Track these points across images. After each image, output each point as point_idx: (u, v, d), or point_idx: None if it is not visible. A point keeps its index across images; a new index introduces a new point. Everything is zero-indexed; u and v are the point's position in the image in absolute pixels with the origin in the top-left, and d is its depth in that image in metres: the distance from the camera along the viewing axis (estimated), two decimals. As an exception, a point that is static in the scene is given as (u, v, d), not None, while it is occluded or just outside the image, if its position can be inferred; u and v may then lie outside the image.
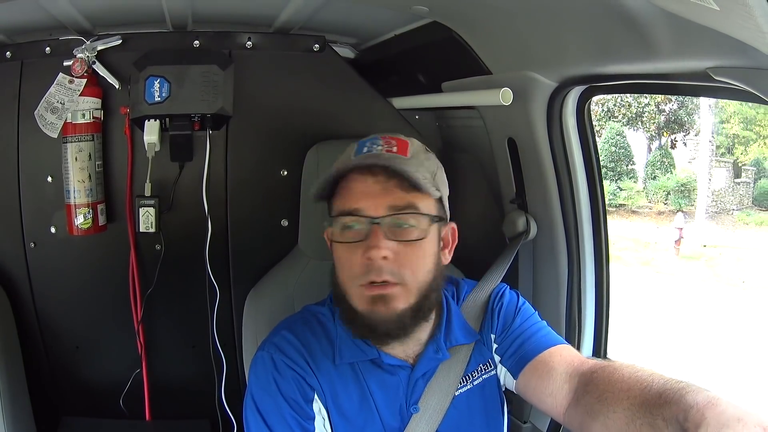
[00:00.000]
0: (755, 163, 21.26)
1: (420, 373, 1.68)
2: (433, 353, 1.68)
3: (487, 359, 1.77)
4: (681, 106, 21.49)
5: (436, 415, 1.67)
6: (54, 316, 2.44)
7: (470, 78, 2.17)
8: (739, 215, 19.27)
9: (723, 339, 9.85)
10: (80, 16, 2.13)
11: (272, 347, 1.66)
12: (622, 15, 1.46)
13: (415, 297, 1.57)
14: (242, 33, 2.37)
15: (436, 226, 1.62)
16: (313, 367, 1.63)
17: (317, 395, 1.62)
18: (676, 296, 12.75)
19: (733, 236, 17.76)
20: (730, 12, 1.06)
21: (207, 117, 2.28)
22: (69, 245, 2.37)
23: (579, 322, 2.24)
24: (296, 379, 1.61)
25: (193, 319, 2.44)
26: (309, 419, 1.60)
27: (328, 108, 2.42)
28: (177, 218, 2.37)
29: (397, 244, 1.54)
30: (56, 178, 2.30)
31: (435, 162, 1.68)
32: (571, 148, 2.11)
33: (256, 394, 1.63)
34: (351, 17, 2.30)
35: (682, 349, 9.21)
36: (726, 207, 19.86)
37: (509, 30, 1.89)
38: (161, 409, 2.52)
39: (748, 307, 12.02)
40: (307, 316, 1.76)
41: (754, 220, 18.95)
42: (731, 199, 20.20)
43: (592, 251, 2.21)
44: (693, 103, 21.14)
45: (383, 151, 1.60)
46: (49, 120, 2.23)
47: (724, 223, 19.28)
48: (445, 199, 1.67)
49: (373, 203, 1.54)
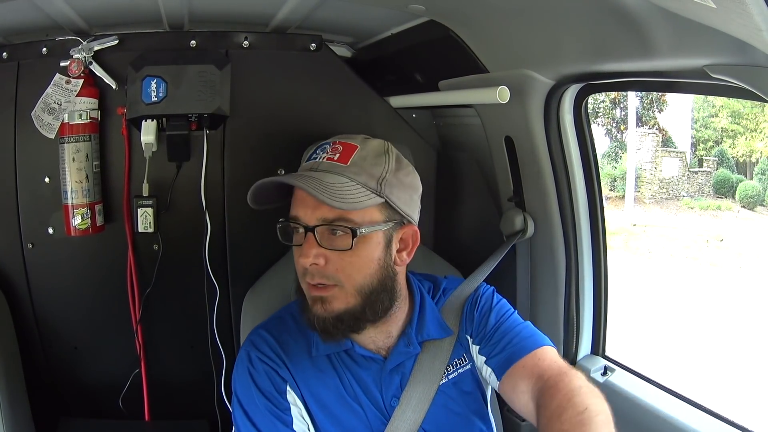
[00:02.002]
0: (718, 153, 22.80)
1: (391, 366, 1.74)
2: (404, 347, 1.75)
3: (461, 354, 1.82)
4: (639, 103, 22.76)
5: (419, 410, 1.72)
6: (52, 317, 2.44)
7: (467, 76, 2.17)
8: (686, 201, 21.00)
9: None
10: (77, 17, 2.13)
11: (248, 345, 1.77)
12: (619, 13, 1.46)
13: (355, 299, 1.66)
14: (239, 32, 2.36)
15: (383, 232, 1.66)
16: (285, 360, 1.72)
17: (290, 386, 1.70)
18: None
19: (672, 218, 19.81)
20: (727, 10, 1.06)
21: (204, 117, 2.28)
22: (67, 246, 2.37)
23: (577, 320, 2.25)
24: (268, 372, 1.70)
25: (192, 318, 2.44)
26: (284, 409, 1.68)
27: (326, 107, 2.42)
28: (175, 218, 2.37)
29: (330, 251, 1.61)
30: (53, 178, 2.30)
31: (393, 164, 1.70)
32: (568, 145, 2.12)
33: (238, 390, 1.72)
34: (348, 16, 2.30)
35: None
36: (678, 193, 21.59)
37: (506, 28, 1.89)
38: (160, 409, 2.52)
39: (641, 271, 14.10)
40: (283, 314, 1.85)
41: (699, 205, 20.68)
42: (687, 186, 21.85)
43: (590, 249, 2.22)
44: (647, 99, 22.55)
45: (324, 159, 1.67)
46: (47, 121, 2.22)
47: (669, 207, 21.11)
48: (401, 202, 1.69)
49: (307, 213, 1.63)
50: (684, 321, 10.47)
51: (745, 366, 8.73)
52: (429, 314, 1.80)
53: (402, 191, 1.69)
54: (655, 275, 14.09)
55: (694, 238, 17.58)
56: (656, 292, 12.20)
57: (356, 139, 1.71)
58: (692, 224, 18.96)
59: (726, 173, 22.18)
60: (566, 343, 2.27)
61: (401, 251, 1.71)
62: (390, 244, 1.68)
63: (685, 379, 1.92)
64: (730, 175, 22.14)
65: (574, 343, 2.27)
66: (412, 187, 1.73)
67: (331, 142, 1.71)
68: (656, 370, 2.27)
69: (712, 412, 1.95)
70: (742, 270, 15.33)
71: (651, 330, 9.70)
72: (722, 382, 7.80)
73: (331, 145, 1.70)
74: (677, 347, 9.00)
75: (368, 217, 1.63)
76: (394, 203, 1.66)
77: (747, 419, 1.95)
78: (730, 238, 17.44)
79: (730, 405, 1.96)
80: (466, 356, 1.82)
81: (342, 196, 1.58)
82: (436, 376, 1.75)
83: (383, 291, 1.68)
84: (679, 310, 11.10)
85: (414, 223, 1.74)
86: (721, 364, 8.75)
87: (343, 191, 1.59)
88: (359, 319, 1.67)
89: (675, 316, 10.72)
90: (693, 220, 19.69)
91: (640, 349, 7.57)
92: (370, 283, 1.65)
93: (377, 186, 1.64)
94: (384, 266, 1.67)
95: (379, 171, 1.66)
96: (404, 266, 1.76)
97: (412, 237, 1.73)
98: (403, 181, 1.70)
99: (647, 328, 9.64)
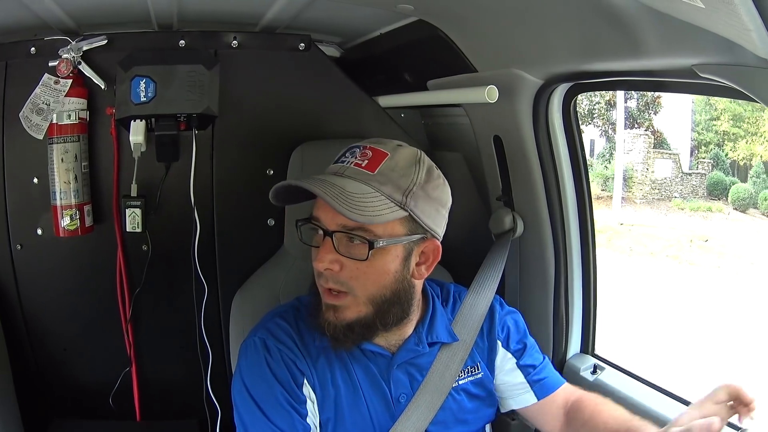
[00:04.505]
0: (713, 156, 23.16)
1: (399, 361, 1.73)
2: (413, 345, 1.74)
3: (475, 362, 1.84)
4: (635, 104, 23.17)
5: (427, 414, 1.72)
6: (41, 318, 2.43)
7: (456, 76, 2.17)
8: (677, 201, 21.33)
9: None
10: (65, 16, 2.12)
11: (264, 332, 1.70)
12: (608, 12, 1.46)
13: (367, 308, 1.63)
14: (228, 32, 2.36)
15: (403, 245, 1.62)
16: (303, 351, 1.67)
17: (306, 380, 1.65)
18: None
19: (661, 218, 20.18)
20: (715, 10, 1.07)
21: (193, 117, 2.27)
22: (56, 247, 2.36)
23: (567, 319, 2.25)
24: (288, 363, 1.64)
25: (182, 318, 2.44)
26: (301, 402, 1.63)
27: (314, 107, 2.42)
28: (164, 218, 2.37)
29: (346, 259, 1.58)
30: (42, 179, 2.29)
31: (423, 176, 1.63)
32: (557, 145, 2.13)
33: (247, 378, 1.65)
34: (336, 16, 2.30)
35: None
36: (670, 194, 21.92)
37: (495, 27, 1.89)
38: (151, 409, 2.52)
39: (618, 267, 14.24)
40: (297, 305, 1.80)
41: (690, 206, 20.92)
42: (680, 188, 22.21)
43: (579, 248, 2.23)
44: (642, 101, 22.90)
45: (352, 165, 1.61)
46: (35, 121, 2.22)
47: (660, 208, 21.47)
48: (425, 215, 1.63)
49: (328, 216, 1.59)
50: (645, 314, 10.93)
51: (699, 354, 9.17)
52: (439, 319, 1.80)
53: (428, 204, 1.63)
54: (631, 272, 14.42)
55: (679, 237, 17.86)
56: (627, 287, 12.46)
57: (388, 146, 1.64)
58: (680, 224, 19.23)
59: (720, 175, 22.44)
60: (556, 342, 2.28)
61: (420, 265, 1.67)
62: (409, 257, 1.64)
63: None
64: (723, 177, 22.38)
65: (564, 341, 2.27)
66: (440, 200, 1.67)
67: (362, 146, 1.64)
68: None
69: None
70: (720, 269, 15.70)
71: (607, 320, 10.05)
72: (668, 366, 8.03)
73: (361, 150, 1.63)
74: (629, 336, 9.24)
75: (389, 230, 1.58)
76: (418, 217, 1.60)
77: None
78: (717, 238, 17.70)
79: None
80: (480, 365, 1.84)
81: (362, 208, 1.53)
82: (448, 382, 1.76)
83: (396, 303, 1.65)
84: (644, 304, 11.56)
85: (438, 237, 1.68)
86: (675, 353, 9.17)
87: (364, 202, 1.54)
88: (370, 328, 1.65)
89: (637, 309, 11.13)
90: (682, 220, 19.96)
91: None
92: (383, 294, 1.62)
93: (402, 198, 1.58)
94: (400, 279, 1.64)
95: (407, 182, 1.60)
96: (422, 280, 1.73)
97: (434, 252, 1.68)
98: (430, 195, 1.63)
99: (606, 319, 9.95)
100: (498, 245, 2.17)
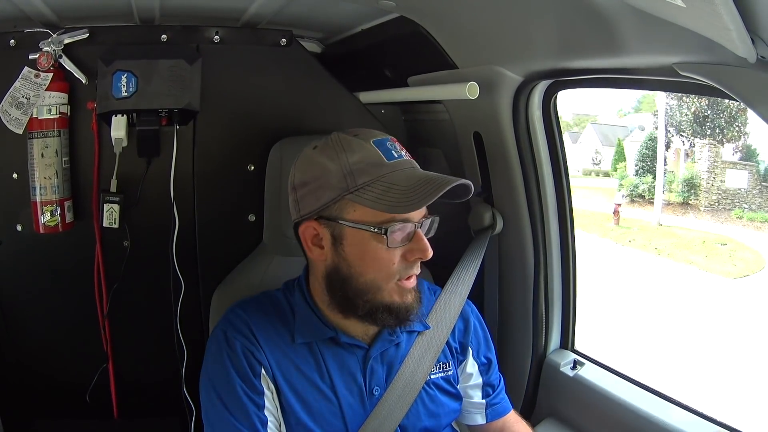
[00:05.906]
0: None
1: (375, 353, 1.74)
2: (387, 335, 1.76)
3: (447, 359, 1.87)
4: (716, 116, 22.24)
5: (402, 402, 1.74)
6: (20, 315, 2.42)
7: (437, 72, 2.18)
8: (737, 212, 20.53)
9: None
10: (46, 8, 2.10)
11: (224, 322, 1.73)
12: (589, 10, 1.48)
13: None
14: (210, 27, 2.35)
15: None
16: (262, 343, 1.67)
17: (264, 371, 1.65)
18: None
19: (707, 224, 19.89)
20: (696, 9, 1.08)
21: (174, 112, 2.27)
22: (36, 243, 2.34)
23: (546, 315, 2.27)
24: (245, 353, 1.65)
25: (160, 314, 2.42)
26: (258, 393, 1.63)
27: (296, 102, 2.42)
28: (144, 214, 2.36)
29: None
30: (22, 174, 2.26)
31: None
32: (536, 142, 2.14)
33: (210, 368, 1.68)
34: (318, 12, 2.30)
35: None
36: (735, 205, 20.96)
37: (475, 24, 1.90)
38: (129, 406, 2.51)
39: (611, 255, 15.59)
40: (261, 298, 1.81)
41: (747, 216, 20.18)
42: (758, 200, 21.14)
43: (558, 244, 2.24)
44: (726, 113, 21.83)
45: (406, 156, 1.67)
46: (14, 116, 2.19)
47: (720, 216, 20.86)
48: None
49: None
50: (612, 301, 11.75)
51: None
52: None
53: None
54: (621, 261, 15.49)
55: (698, 239, 17.90)
56: (608, 272, 13.51)
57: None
58: (718, 230, 19.11)
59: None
60: (535, 338, 2.29)
61: None
62: None
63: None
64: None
65: (544, 337, 2.28)
66: None
67: (390, 138, 1.70)
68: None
69: (680, 404, 1.98)
70: (713, 270, 15.77)
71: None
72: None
73: (390, 140, 1.69)
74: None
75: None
76: None
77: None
78: (744, 244, 17.60)
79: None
80: (451, 363, 1.87)
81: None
82: (422, 375, 1.78)
83: None
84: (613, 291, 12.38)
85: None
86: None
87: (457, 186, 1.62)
88: None
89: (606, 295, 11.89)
90: (728, 228, 19.55)
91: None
92: None
93: None
94: None
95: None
96: None
97: None
98: None
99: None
100: (477, 241, 2.18)
